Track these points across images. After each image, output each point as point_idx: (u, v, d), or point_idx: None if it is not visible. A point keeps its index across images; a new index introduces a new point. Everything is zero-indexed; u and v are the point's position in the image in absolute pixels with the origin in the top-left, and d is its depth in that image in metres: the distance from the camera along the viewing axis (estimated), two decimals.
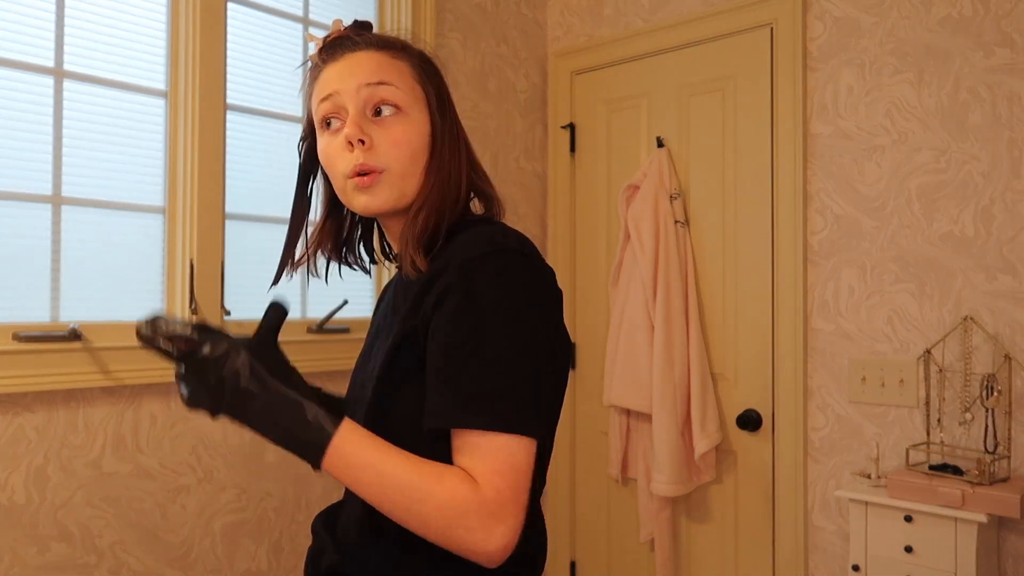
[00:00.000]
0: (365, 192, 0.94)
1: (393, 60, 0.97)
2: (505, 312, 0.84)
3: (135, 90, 1.92)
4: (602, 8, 2.79)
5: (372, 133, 0.93)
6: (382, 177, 0.93)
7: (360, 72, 0.94)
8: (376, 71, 0.94)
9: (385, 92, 0.94)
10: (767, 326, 2.34)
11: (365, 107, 0.94)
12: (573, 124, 2.86)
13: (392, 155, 0.93)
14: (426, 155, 0.96)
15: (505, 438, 0.81)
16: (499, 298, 0.84)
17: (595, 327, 2.76)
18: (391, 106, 0.94)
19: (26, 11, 1.75)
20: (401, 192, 0.95)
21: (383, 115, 0.94)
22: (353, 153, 0.93)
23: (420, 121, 0.96)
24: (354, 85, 0.94)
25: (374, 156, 0.93)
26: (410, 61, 0.98)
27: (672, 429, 2.34)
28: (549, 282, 0.92)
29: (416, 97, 0.96)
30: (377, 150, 0.93)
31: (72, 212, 1.82)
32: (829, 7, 2.26)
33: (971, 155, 2.02)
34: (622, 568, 2.67)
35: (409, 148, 0.94)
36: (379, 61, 0.95)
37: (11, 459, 1.67)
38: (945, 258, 2.05)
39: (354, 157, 0.93)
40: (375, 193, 0.94)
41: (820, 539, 2.23)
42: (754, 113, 2.39)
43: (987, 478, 1.80)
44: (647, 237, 2.44)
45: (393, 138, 0.93)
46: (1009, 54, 1.97)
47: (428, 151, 0.96)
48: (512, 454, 0.81)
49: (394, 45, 0.99)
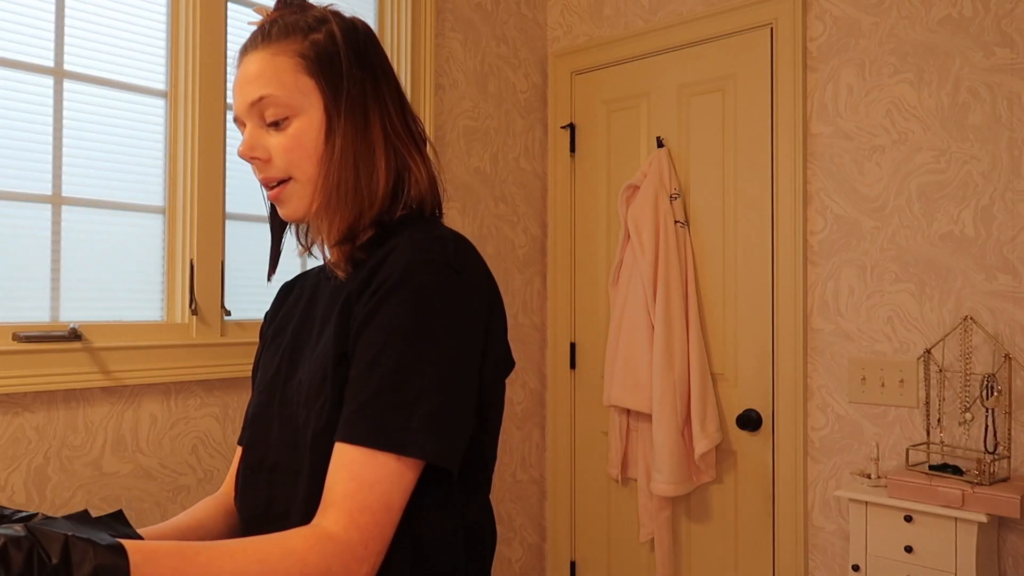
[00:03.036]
0: (279, 204, 0.91)
1: (275, 58, 0.88)
2: (420, 330, 0.78)
3: (135, 90, 1.92)
4: (602, 8, 2.79)
5: (268, 143, 0.89)
6: (288, 188, 0.90)
7: (245, 88, 0.89)
8: (255, 85, 0.88)
9: (266, 106, 0.88)
10: (767, 326, 2.34)
11: (259, 123, 0.90)
12: (573, 124, 2.86)
13: (287, 162, 0.88)
14: (326, 148, 0.89)
15: (385, 459, 0.75)
16: (419, 314, 0.79)
17: (595, 327, 2.76)
18: (275, 115, 0.88)
19: (26, 11, 1.75)
20: (306, 198, 0.90)
21: (273, 123, 0.89)
22: (253, 166, 0.91)
23: (313, 116, 0.89)
24: (241, 104, 0.89)
25: (273, 168, 0.89)
26: (295, 50, 0.89)
27: (672, 429, 2.34)
28: (477, 295, 0.83)
29: (305, 91, 0.88)
30: (274, 161, 0.89)
31: (72, 212, 1.82)
32: (829, 7, 2.26)
33: (971, 155, 2.02)
34: (622, 568, 2.67)
35: (304, 150, 0.88)
36: (261, 66, 0.88)
37: (11, 459, 1.67)
38: (945, 258, 2.05)
39: (256, 171, 0.91)
40: (286, 203, 0.91)
41: (820, 539, 2.23)
42: (754, 113, 2.39)
43: (987, 478, 1.80)
44: (647, 237, 2.44)
45: (284, 145, 0.88)
46: (1009, 54, 1.97)
47: (331, 140, 0.89)
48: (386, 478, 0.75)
49: (280, 33, 0.90)
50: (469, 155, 2.66)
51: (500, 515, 2.75)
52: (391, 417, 0.76)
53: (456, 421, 0.79)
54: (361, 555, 0.73)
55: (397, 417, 0.76)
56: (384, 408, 0.76)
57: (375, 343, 0.79)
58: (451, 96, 2.60)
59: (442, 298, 0.80)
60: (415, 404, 0.76)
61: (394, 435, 0.75)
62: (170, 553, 0.66)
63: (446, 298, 0.80)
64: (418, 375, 0.77)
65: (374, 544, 0.74)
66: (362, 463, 0.75)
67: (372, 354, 0.79)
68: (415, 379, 0.77)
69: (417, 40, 2.47)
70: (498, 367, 0.88)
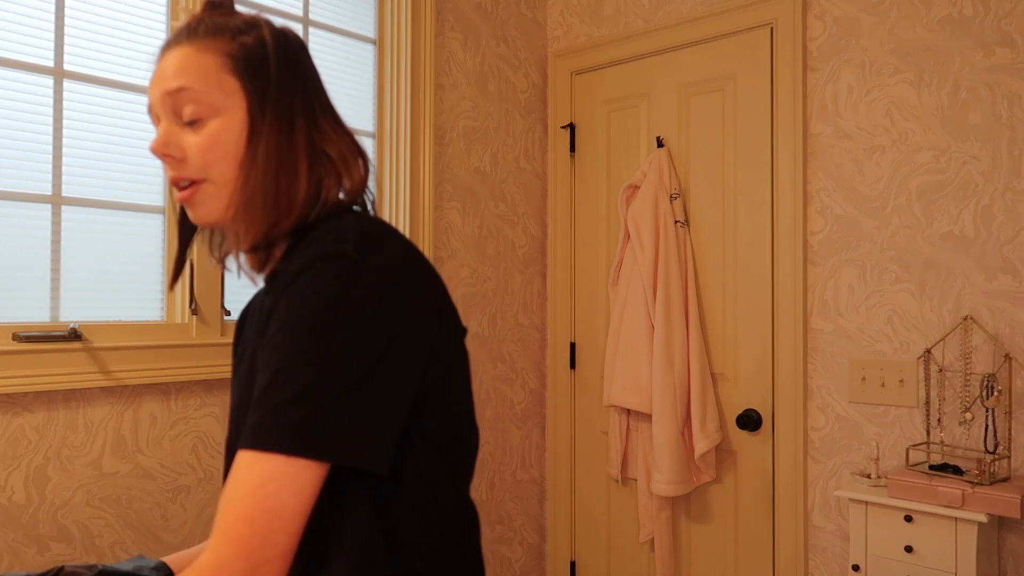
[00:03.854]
0: (189, 207, 0.87)
1: (199, 54, 0.85)
2: (305, 325, 0.73)
3: (135, 90, 1.92)
4: (602, 8, 2.79)
5: (183, 141, 0.85)
6: (201, 189, 0.85)
7: (163, 79, 0.85)
8: (175, 75, 0.84)
9: (184, 98, 0.84)
10: (767, 326, 2.34)
11: (174, 116, 0.85)
12: (573, 124, 2.86)
13: (203, 163, 0.84)
14: (245, 151, 0.85)
15: (271, 460, 0.70)
16: (304, 312, 0.74)
17: (595, 327, 2.76)
18: (193, 111, 0.84)
19: (26, 11, 1.75)
20: (228, 199, 0.85)
21: (189, 121, 0.85)
22: (166, 163, 0.86)
23: (233, 117, 0.85)
24: (158, 94, 0.85)
25: (186, 167, 0.85)
26: (222, 49, 0.86)
27: (672, 429, 2.34)
28: (382, 278, 0.77)
29: (227, 91, 0.85)
30: (188, 161, 0.85)
31: (72, 212, 1.82)
32: (829, 7, 2.26)
33: (971, 155, 2.02)
34: (622, 568, 2.67)
35: (223, 152, 0.84)
36: (183, 60, 0.85)
37: (11, 459, 1.67)
38: (945, 258, 2.05)
39: (168, 169, 0.87)
40: (198, 206, 0.86)
41: (820, 539, 2.23)
42: (754, 113, 2.39)
43: (987, 478, 1.80)
44: (647, 237, 2.44)
45: (201, 144, 0.84)
46: (1009, 54, 1.97)
47: (244, 150, 0.85)
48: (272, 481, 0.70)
49: (207, 32, 0.87)
50: (469, 155, 2.66)
51: (500, 515, 2.75)
52: (275, 417, 0.71)
53: (358, 413, 0.73)
54: (241, 568, 0.68)
55: (281, 416, 0.71)
56: (269, 409, 0.71)
57: (266, 348, 0.75)
58: (451, 96, 2.60)
59: (331, 290, 0.74)
60: (301, 401, 0.71)
61: (275, 434, 0.70)
62: None
63: (336, 289, 0.74)
64: (302, 372, 0.72)
65: (257, 554, 0.69)
66: (247, 468, 0.71)
67: (263, 361, 0.75)
68: (298, 376, 0.72)
69: (417, 40, 2.47)
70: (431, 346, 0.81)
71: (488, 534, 2.71)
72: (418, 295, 0.79)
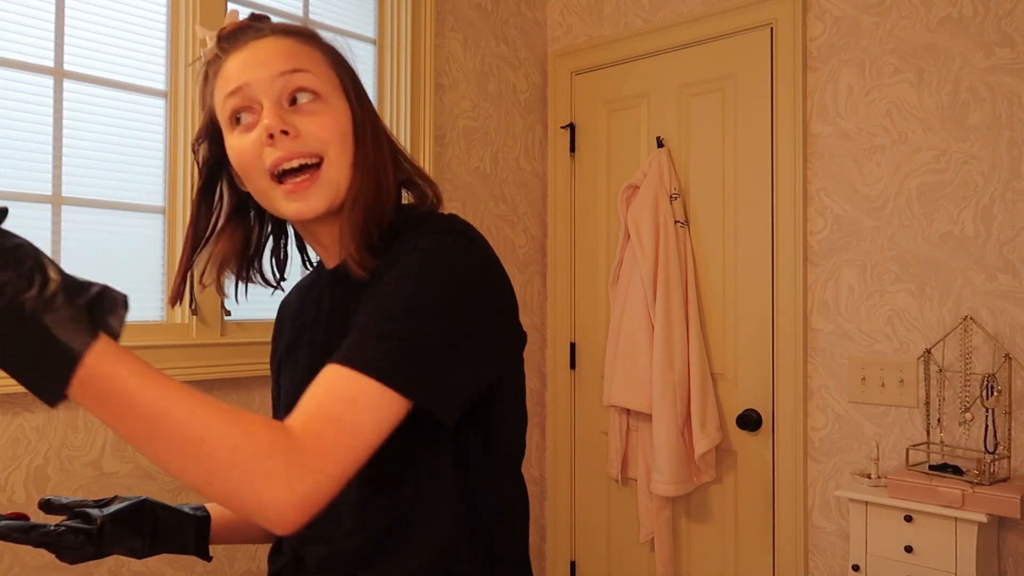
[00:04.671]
0: (298, 198, 0.84)
1: (304, 46, 0.88)
2: (422, 275, 0.78)
3: (135, 90, 1.92)
4: (602, 8, 2.79)
5: (294, 122, 0.84)
6: (321, 174, 0.84)
7: (272, 60, 0.84)
8: (289, 58, 0.85)
9: (302, 79, 0.84)
10: (767, 326, 2.34)
11: (281, 97, 0.84)
12: (573, 124, 2.86)
13: (322, 140, 0.84)
14: (351, 146, 0.87)
15: (366, 382, 0.71)
16: (434, 266, 0.79)
17: (595, 327, 2.76)
18: (309, 93, 0.85)
19: (26, 11, 1.75)
20: (338, 189, 0.86)
21: (300, 103, 0.85)
22: (275, 147, 0.83)
23: (340, 108, 0.87)
24: (267, 74, 0.83)
25: (303, 143, 0.83)
26: (320, 48, 0.90)
27: (672, 429, 2.34)
28: (484, 260, 0.84)
29: (333, 85, 0.87)
30: (305, 138, 0.83)
31: (72, 212, 1.82)
32: (829, 7, 2.26)
33: (971, 155, 2.02)
34: (622, 568, 2.67)
35: (339, 132, 0.85)
36: (290, 47, 0.86)
37: (11, 459, 1.67)
38: (945, 258, 2.05)
39: (277, 150, 0.83)
40: (312, 196, 0.84)
41: (820, 539, 2.23)
42: (754, 113, 2.39)
43: (987, 478, 1.80)
44: (647, 237, 2.44)
45: (320, 123, 0.84)
46: (1009, 54, 1.97)
47: (352, 143, 0.87)
48: (361, 400, 0.70)
49: (301, 32, 0.90)
50: (469, 155, 2.66)
51: None
52: (378, 345, 0.73)
53: (451, 367, 0.76)
54: (309, 464, 0.65)
55: (383, 346, 0.73)
56: (372, 337, 0.74)
57: (379, 293, 0.79)
58: (451, 96, 2.60)
59: (447, 253, 0.81)
60: (403, 339, 0.74)
61: (375, 361, 0.72)
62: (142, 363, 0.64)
63: (451, 254, 0.81)
64: (410, 315, 0.75)
65: (327, 460, 0.67)
66: (340, 381, 0.71)
67: (375, 300, 0.78)
68: (406, 318, 0.75)
69: (417, 40, 2.47)
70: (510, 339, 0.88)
71: None
72: (509, 288, 0.88)
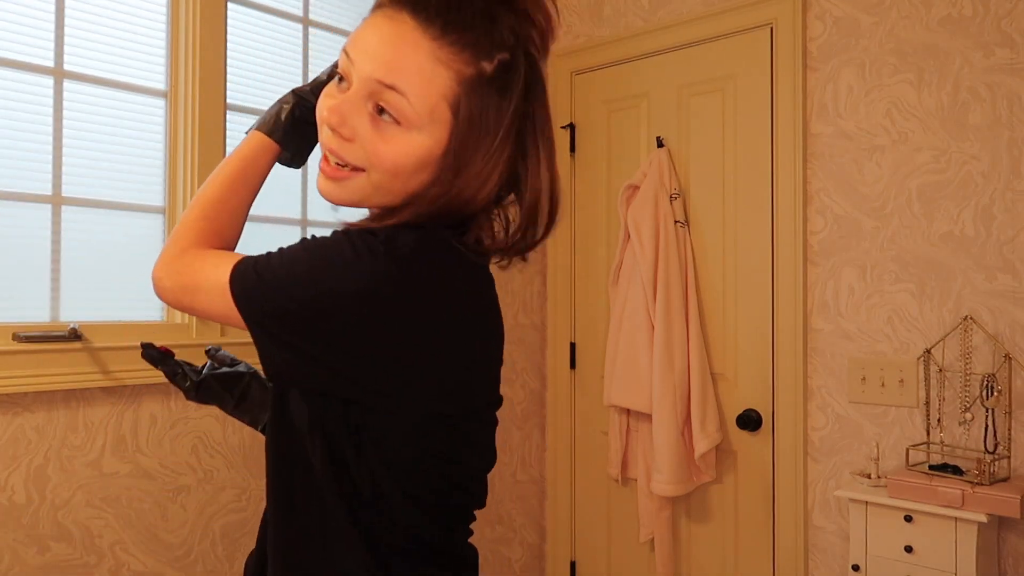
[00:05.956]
0: (328, 180, 0.82)
1: (434, 64, 0.76)
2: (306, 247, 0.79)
3: (135, 90, 1.92)
4: (602, 8, 2.79)
5: (359, 127, 0.78)
6: (356, 178, 0.81)
7: (381, 59, 0.76)
8: (397, 70, 0.75)
9: (391, 99, 0.76)
10: (767, 326, 2.34)
11: (367, 99, 0.77)
12: (573, 124, 2.86)
13: (371, 163, 0.79)
14: (415, 178, 0.80)
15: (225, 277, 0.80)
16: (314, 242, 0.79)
17: (595, 327, 2.76)
18: (391, 116, 0.77)
19: (26, 11, 1.75)
20: (366, 198, 0.82)
21: (382, 116, 0.78)
22: (331, 133, 0.80)
23: (422, 145, 0.78)
24: (367, 71, 0.77)
25: (350, 151, 0.79)
26: (460, 71, 0.77)
27: (672, 429, 2.34)
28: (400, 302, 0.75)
29: (435, 118, 0.77)
30: (356, 148, 0.79)
31: (72, 212, 1.82)
32: (829, 7, 2.26)
33: (971, 155, 2.02)
34: (622, 568, 2.67)
35: (393, 166, 0.78)
36: (414, 57, 0.76)
37: (11, 459, 1.67)
38: (945, 258, 2.05)
39: (329, 137, 0.81)
40: (339, 188, 0.82)
41: (820, 539, 2.23)
42: (754, 113, 2.39)
43: (987, 478, 1.79)
44: (647, 237, 2.44)
45: (376, 147, 0.78)
46: (1009, 54, 1.97)
47: (424, 175, 0.80)
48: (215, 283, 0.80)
49: (460, 37, 0.76)
50: None
51: (500, 515, 2.75)
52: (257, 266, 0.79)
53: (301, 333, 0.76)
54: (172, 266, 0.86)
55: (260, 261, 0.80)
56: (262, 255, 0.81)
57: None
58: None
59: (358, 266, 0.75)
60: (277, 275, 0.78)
61: (243, 263, 0.80)
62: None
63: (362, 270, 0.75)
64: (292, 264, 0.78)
65: (174, 277, 0.85)
66: (223, 260, 0.82)
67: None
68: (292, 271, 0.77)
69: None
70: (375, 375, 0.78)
71: (488, 534, 2.71)
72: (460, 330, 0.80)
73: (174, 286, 0.85)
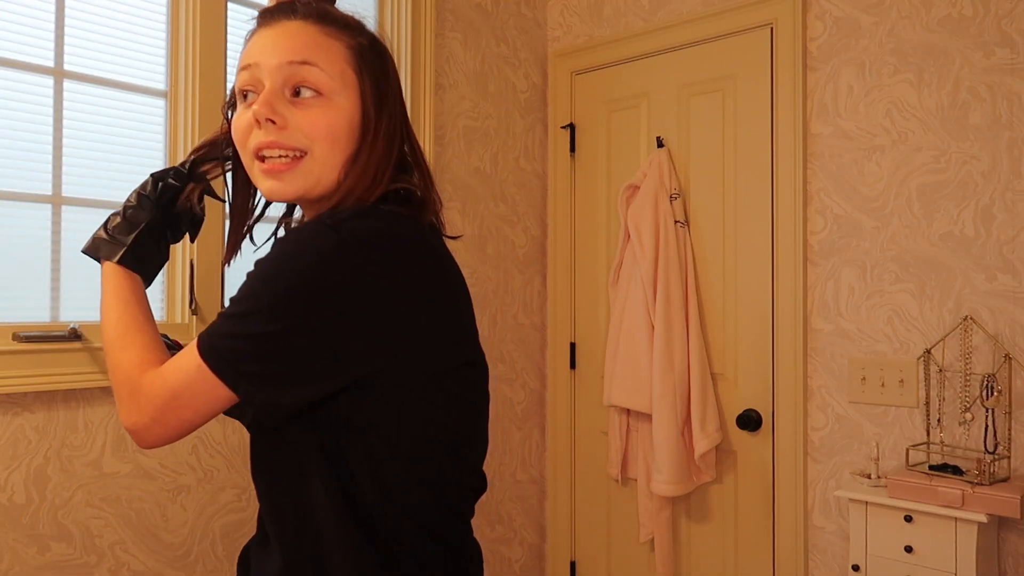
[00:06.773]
0: (274, 177, 0.86)
1: (327, 39, 0.87)
2: (272, 267, 0.79)
3: (135, 90, 1.92)
4: (602, 8, 2.79)
5: (287, 113, 0.85)
6: (300, 164, 0.86)
7: (284, 47, 0.85)
8: (302, 48, 0.85)
9: (307, 73, 0.85)
10: (767, 326, 2.34)
11: (284, 86, 0.86)
12: (573, 124, 2.86)
13: (310, 137, 0.86)
14: (349, 146, 0.88)
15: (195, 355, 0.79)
16: (276, 257, 0.80)
17: (595, 327, 2.76)
18: (311, 89, 0.86)
19: (26, 11, 1.75)
20: (316, 181, 0.87)
21: (301, 96, 0.86)
22: (261, 131, 0.85)
23: (345, 108, 0.87)
24: (275, 62, 0.85)
25: (288, 136, 0.85)
26: (348, 43, 0.89)
27: (672, 429, 2.34)
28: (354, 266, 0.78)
29: (346, 83, 0.87)
30: (292, 132, 0.85)
31: (72, 212, 1.82)
32: (829, 7, 2.26)
33: (971, 155, 2.02)
34: (622, 568, 2.67)
35: (330, 133, 0.86)
36: (310, 37, 0.86)
37: (11, 459, 1.67)
38: (945, 258, 2.05)
39: (262, 135, 0.85)
40: (286, 180, 0.86)
41: (820, 539, 2.23)
42: (754, 113, 2.39)
43: (987, 478, 1.80)
44: (647, 237, 2.44)
45: (311, 120, 0.85)
46: (1009, 54, 1.97)
47: (353, 143, 0.88)
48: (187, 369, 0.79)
49: (335, 22, 0.89)
50: (469, 155, 2.66)
51: (500, 515, 2.75)
52: (218, 325, 0.80)
53: (266, 357, 0.77)
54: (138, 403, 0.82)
55: (217, 324, 0.80)
56: (220, 316, 0.80)
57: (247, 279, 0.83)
58: (451, 96, 2.60)
59: (305, 248, 0.78)
60: (237, 319, 0.78)
61: (208, 338, 0.79)
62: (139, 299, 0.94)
63: (309, 249, 0.78)
64: (254, 299, 0.78)
65: (148, 406, 0.81)
66: (189, 348, 0.81)
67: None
68: (246, 303, 0.79)
69: (417, 40, 2.47)
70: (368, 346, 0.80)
71: (488, 534, 2.71)
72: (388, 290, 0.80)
73: (153, 416, 0.81)
